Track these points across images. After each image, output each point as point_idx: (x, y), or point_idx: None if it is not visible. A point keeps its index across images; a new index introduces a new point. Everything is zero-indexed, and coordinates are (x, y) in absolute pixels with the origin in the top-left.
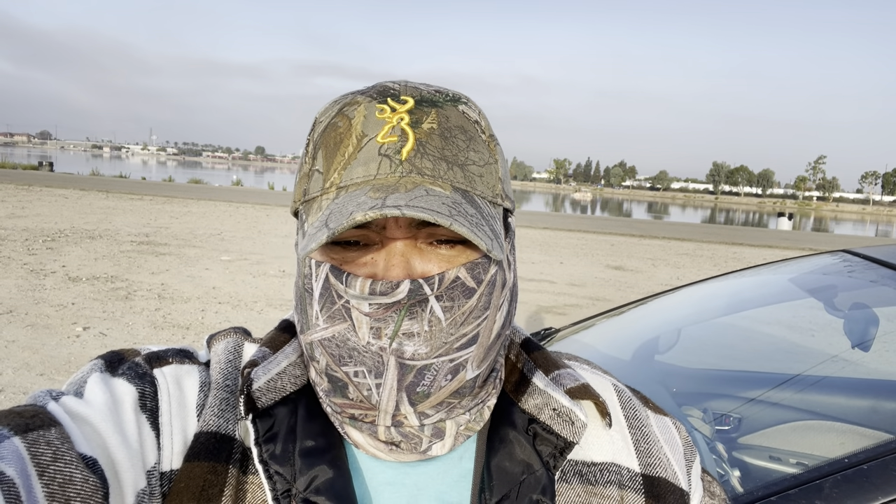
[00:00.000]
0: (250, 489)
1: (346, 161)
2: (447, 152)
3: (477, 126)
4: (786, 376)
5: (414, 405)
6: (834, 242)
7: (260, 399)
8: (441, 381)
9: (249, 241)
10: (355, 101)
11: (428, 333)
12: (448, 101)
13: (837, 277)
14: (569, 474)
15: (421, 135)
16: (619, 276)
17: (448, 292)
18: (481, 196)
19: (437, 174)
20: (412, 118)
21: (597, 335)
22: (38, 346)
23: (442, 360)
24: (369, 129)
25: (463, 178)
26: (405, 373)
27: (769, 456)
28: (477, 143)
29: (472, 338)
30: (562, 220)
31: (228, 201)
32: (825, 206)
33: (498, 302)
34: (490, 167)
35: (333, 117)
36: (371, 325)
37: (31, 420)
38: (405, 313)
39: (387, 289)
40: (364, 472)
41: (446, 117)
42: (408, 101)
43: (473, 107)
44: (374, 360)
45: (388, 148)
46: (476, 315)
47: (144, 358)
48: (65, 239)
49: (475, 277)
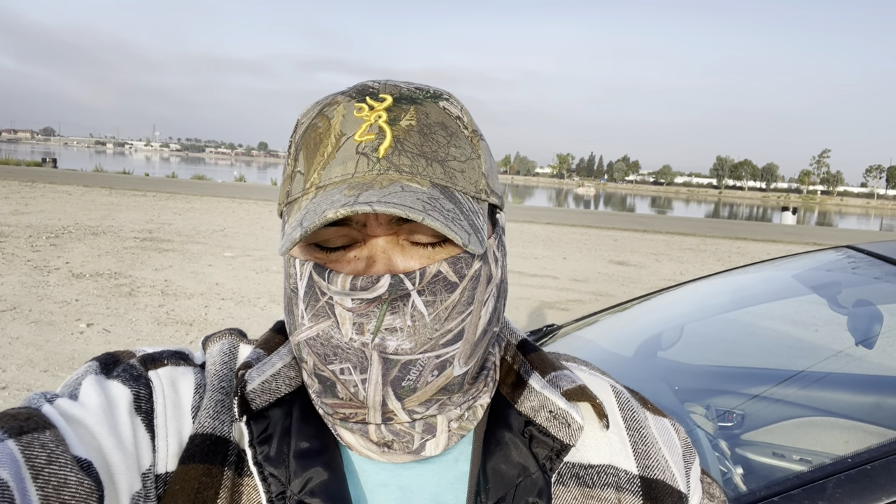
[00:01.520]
0: (245, 491)
1: (325, 161)
2: (426, 148)
3: (459, 122)
4: (789, 373)
5: (401, 399)
6: (838, 237)
7: (254, 401)
8: (427, 376)
9: (252, 237)
10: (335, 101)
11: (411, 328)
12: (428, 97)
13: (841, 274)
14: (565, 477)
15: (399, 132)
16: (623, 271)
17: (430, 287)
18: (462, 191)
19: (415, 171)
20: (390, 115)
21: (599, 332)
22: (42, 343)
23: (427, 355)
24: (347, 127)
25: (443, 173)
26: (389, 367)
27: (772, 452)
28: (458, 139)
29: (457, 333)
30: (565, 215)
31: (231, 197)
32: (829, 201)
33: (483, 297)
34: (472, 162)
35: (314, 118)
36: (354, 320)
37: (26, 422)
38: (387, 308)
39: (367, 284)
40: (359, 473)
41: (426, 114)
42: (386, 98)
43: (455, 103)
44: (357, 356)
45: (365, 146)
46: (460, 310)
47: (139, 360)
48: (68, 235)
49: (457, 272)
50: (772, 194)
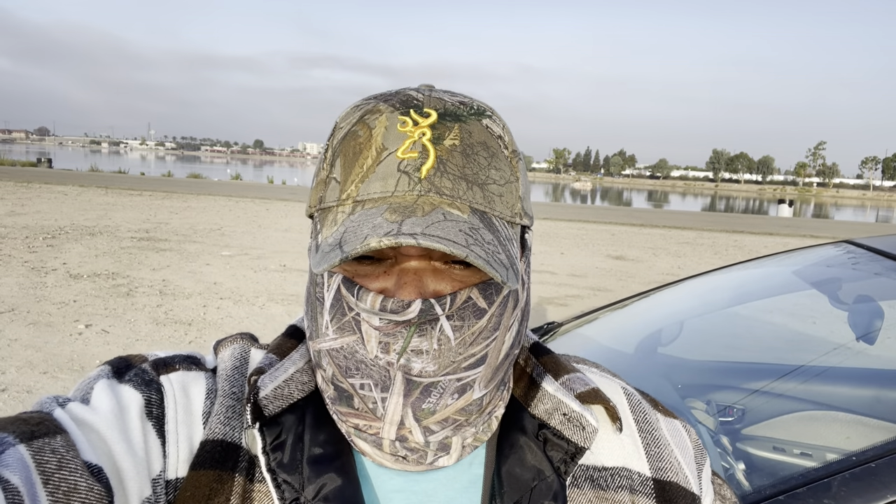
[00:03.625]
0: (257, 498)
1: (364, 174)
2: (468, 170)
3: (500, 142)
4: (789, 367)
5: (419, 421)
6: (835, 228)
7: (267, 407)
8: (447, 399)
9: (250, 235)
10: (377, 110)
11: (437, 352)
12: (472, 114)
13: (841, 269)
14: (580, 480)
15: (442, 152)
16: (621, 265)
17: (459, 312)
18: (500, 217)
19: (455, 194)
20: (434, 133)
21: (599, 328)
22: (41, 345)
23: (449, 378)
24: (390, 142)
25: (482, 198)
26: (412, 389)
27: (773, 447)
28: (499, 160)
29: (480, 358)
30: (562, 210)
31: (228, 196)
32: (825, 193)
33: (508, 322)
34: (511, 185)
35: (354, 125)
36: (380, 339)
37: (37, 427)
38: (415, 330)
39: (398, 307)
40: (373, 479)
41: (469, 133)
42: (431, 114)
43: (498, 120)
44: (381, 374)
45: (407, 164)
46: (486, 336)
47: (151, 364)
48: (65, 236)
49: (487, 298)
50: (768, 187)
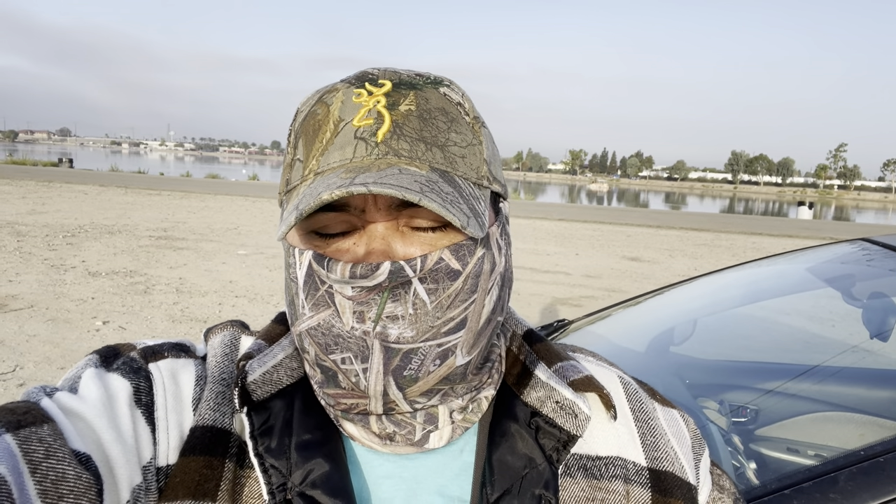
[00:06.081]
0: (247, 483)
1: (323, 147)
2: (426, 133)
3: (460, 108)
4: (803, 367)
5: (402, 389)
6: (855, 231)
7: (255, 392)
8: (429, 366)
9: (266, 234)
10: (334, 89)
11: (413, 316)
12: (428, 83)
13: (856, 266)
14: (573, 468)
15: (398, 116)
16: (636, 267)
17: (432, 274)
18: (463, 177)
19: (414, 155)
20: (389, 100)
21: (611, 326)
22: (59, 340)
23: (429, 344)
24: (346, 113)
25: (443, 158)
26: (391, 356)
27: (787, 448)
28: (459, 125)
29: (459, 322)
30: (577, 212)
31: (245, 196)
32: (846, 195)
33: (486, 286)
34: (473, 148)
35: (313, 105)
36: (354, 308)
37: (24, 417)
38: (388, 296)
39: (367, 271)
40: (362, 465)
41: (426, 99)
42: (385, 84)
43: (456, 89)
44: (358, 344)
45: (363, 130)
46: (463, 298)
47: (140, 352)
48: (84, 234)
49: (460, 259)
50: (788, 189)
